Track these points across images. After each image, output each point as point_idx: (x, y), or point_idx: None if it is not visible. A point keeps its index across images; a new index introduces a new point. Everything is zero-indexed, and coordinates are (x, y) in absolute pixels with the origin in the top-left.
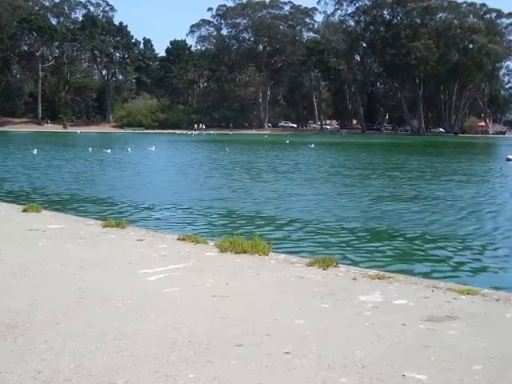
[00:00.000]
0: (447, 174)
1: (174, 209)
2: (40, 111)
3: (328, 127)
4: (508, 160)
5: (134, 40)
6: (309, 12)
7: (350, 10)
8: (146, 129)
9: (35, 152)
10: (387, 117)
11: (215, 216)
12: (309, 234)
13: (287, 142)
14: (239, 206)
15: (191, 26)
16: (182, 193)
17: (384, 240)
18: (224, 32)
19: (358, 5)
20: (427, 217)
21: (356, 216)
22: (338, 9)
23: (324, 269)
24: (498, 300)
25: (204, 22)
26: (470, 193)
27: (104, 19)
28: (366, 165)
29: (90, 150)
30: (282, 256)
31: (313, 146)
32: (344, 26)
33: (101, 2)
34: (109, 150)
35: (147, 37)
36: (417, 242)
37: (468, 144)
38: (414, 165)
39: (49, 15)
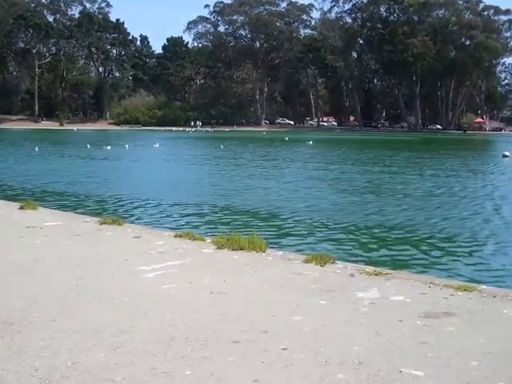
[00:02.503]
0: (445, 170)
1: (172, 205)
2: (37, 108)
3: (325, 124)
4: (504, 156)
5: (130, 37)
6: (305, 9)
7: (346, 7)
8: (143, 126)
9: (37, 149)
10: (384, 114)
11: (212, 213)
12: (305, 231)
13: (286, 139)
14: (236, 203)
15: (188, 23)
16: (179, 189)
17: (381, 236)
18: (221, 29)
19: (354, 1)
20: (424, 214)
21: (353, 212)
22: (334, 5)
23: (321, 265)
24: (494, 296)
25: (201, 19)
26: (469, 189)
27: (100, 16)
28: (364, 161)
29: (88, 146)
30: (279, 253)
31: (311, 143)
32: (341, 23)
33: None
34: (109, 147)
35: (144, 34)
36: (414, 239)
37: (465, 141)
38: (415, 162)
39: (45, 12)
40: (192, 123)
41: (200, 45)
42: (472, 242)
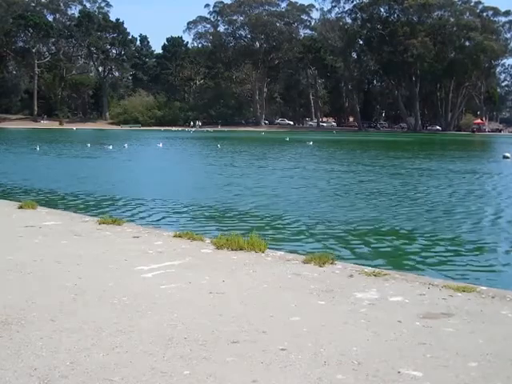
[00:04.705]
0: (444, 171)
1: (171, 205)
2: (36, 108)
3: (324, 124)
4: (504, 158)
5: (130, 37)
6: (305, 9)
7: (347, 7)
8: (143, 126)
9: (38, 148)
10: (384, 114)
11: (211, 213)
12: (305, 231)
13: (287, 139)
14: (236, 203)
15: (188, 23)
16: (178, 189)
17: (380, 237)
18: (221, 29)
19: (355, 2)
20: (422, 214)
21: (351, 212)
22: (335, 6)
23: (320, 266)
24: (493, 297)
25: (201, 19)
26: (471, 190)
27: (100, 15)
28: (364, 162)
29: (89, 145)
30: (279, 253)
31: (311, 143)
32: (341, 24)
33: None
34: (110, 147)
35: (143, 33)
36: (413, 239)
37: (465, 142)
38: (417, 163)
39: (45, 11)
40: (192, 123)
41: (200, 45)
42: (471, 242)
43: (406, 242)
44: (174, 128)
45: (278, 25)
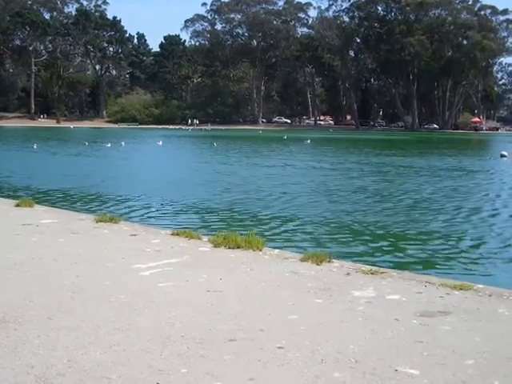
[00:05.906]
0: (442, 171)
1: (169, 203)
2: (33, 106)
3: (322, 123)
4: (502, 156)
5: (127, 35)
6: (303, 7)
7: (344, 6)
8: (140, 124)
9: (35, 147)
10: (381, 113)
11: (209, 211)
12: (302, 229)
13: (285, 137)
14: (234, 202)
15: (185, 21)
16: (175, 188)
17: (377, 235)
18: (218, 27)
19: (352, 0)
20: (419, 212)
21: (349, 211)
22: (332, 4)
23: (317, 264)
24: (490, 295)
25: (198, 17)
26: (469, 189)
27: (97, 13)
28: (358, 161)
29: (86, 143)
30: (276, 251)
31: (309, 141)
32: (338, 22)
33: None
34: (109, 144)
35: (141, 32)
36: (410, 238)
37: (463, 141)
38: (416, 163)
39: (42, 9)
40: (189, 121)
41: (197, 43)
42: (469, 241)
43: (403, 240)
44: (171, 126)
45: (275, 23)
